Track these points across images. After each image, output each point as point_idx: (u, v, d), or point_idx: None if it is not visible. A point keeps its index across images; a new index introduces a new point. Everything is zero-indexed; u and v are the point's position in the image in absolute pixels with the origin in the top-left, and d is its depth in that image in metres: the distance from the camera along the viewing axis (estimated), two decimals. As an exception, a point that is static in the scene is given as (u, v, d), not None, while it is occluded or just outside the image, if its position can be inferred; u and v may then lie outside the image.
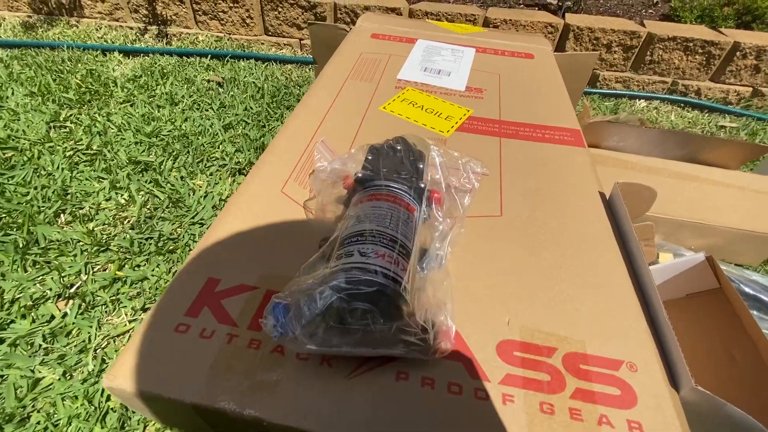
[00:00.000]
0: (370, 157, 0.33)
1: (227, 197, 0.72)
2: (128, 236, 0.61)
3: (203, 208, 0.68)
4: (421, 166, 0.32)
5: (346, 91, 0.53)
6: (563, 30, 1.14)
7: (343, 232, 0.27)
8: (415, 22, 0.76)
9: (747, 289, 0.59)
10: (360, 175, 0.31)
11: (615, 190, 0.38)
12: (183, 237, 0.63)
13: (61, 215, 0.65)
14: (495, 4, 1.36)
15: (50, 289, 0.54)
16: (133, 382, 0.25)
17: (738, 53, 1.12)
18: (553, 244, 0.35)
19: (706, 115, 1.15)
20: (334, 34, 0.76)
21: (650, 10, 1.43)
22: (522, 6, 1.35)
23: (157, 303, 0.29)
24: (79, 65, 1.09)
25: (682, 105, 1.18)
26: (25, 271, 0.56)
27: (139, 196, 0.69)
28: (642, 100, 1.19)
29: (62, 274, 0.56)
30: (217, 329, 0.28)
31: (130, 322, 0.52)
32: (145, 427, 0.42)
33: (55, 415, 0.43)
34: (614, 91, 1.20)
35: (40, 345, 0.48)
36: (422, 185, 0.31)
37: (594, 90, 1.19)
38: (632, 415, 0.25)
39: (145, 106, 0.93)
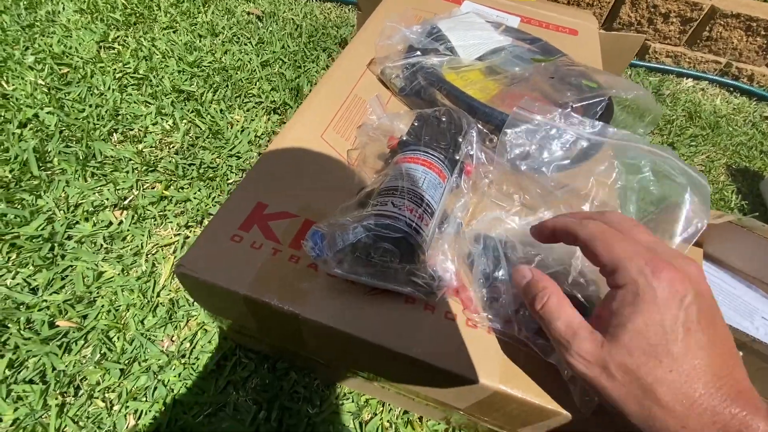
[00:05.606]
0: (416, 124, 0.36)
1: (262, 134, 0.76)
2: (173, 160, 0.67)
3: (240, 142, 0.73)
4: (460, 139, 0.36)
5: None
6: (620, -7, 1.07)
7: (380, 186, 0.31)
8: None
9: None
10: (404, 138, 0.35)
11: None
12: (222, 167, 0.68)
13: (114, 134, 0.71)
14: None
15: (107, 199, 0.61)
16: (200, 272, 0.31)
17: (806, 38, 1.04)
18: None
19: (754, 103, 1.10)
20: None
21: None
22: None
23: (215, 216, 0.35)
24: (124, -16, 1.10)
25: (731, 89, 1.12)
26: (86, 180, 0.63)
27: (183, 124, 0.74)
28: (689, 80, 1.14)
29: (117, 188, 0.63)
30: (265, 243, 0.34)
31: (175, 235, 0.59)
32: (187, 321, 0.51)
33: (116, 302, 0.51)
34: (662, 66, 1.14)
35: (102, 245, 0.56)
36: (457, 157, 0.34)
37: (641, 63, 1.14)
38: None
39: (187, 34, 0.95)
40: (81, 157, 0.65)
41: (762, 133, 1.00)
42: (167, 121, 0.74)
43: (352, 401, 0.46)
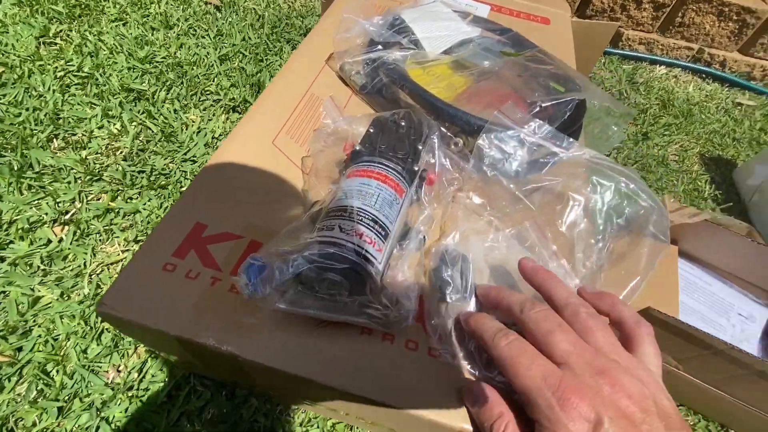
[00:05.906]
0: (371, 130, 0.33)
1: (220, 135, 0.71)
2: (121, 168, 0.62)
3: (195, 144, 0.68)
4: (420, 147, 0.32)
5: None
6: (593, -21, 1.05)
7: (328, 205, 0.28)
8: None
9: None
10: (357, 148, 0.31)
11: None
12: (175, 173, 0.63)
13: (54, 140, 0.64)
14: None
15: (46, 214, 0.55)
16: (123, 311, 0.27)
17: (775, 23, 1.04)
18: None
19: (726, 89, 1.10)
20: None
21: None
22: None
23: (146, 241, 0.31)
24: (68, -28, 1.01)
25: (703, 76, 1.12)
26: (21, 194, 0.57)
27: (132, 127, 0.68)
28: (662, 67, 1.13)
29: (57, 201, 0.57)
30: (202, 272, 0.30)
31: (123, 252, 0.54)
32: (136, 348, 0.47)
33: (55, 331, 0.46)
34: (635, 54, 1.13)
35: (39, 266, 0.51)
36: (416, 168, 0.31)
37: (614, 50, 1.13)
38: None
39: (138, 27, 0.88)
40: (16, 168, 0.59)
41: (734, 120, 1.00)
42: (114, 124, 0.68)
43: (318, 427, 0.43)
